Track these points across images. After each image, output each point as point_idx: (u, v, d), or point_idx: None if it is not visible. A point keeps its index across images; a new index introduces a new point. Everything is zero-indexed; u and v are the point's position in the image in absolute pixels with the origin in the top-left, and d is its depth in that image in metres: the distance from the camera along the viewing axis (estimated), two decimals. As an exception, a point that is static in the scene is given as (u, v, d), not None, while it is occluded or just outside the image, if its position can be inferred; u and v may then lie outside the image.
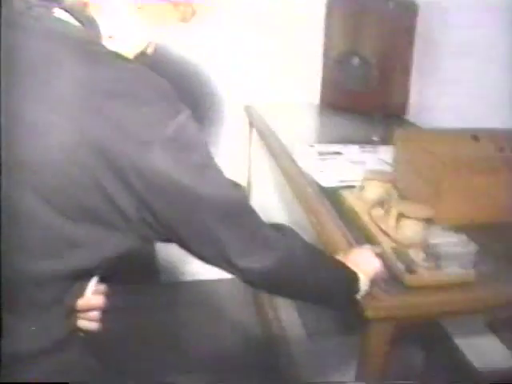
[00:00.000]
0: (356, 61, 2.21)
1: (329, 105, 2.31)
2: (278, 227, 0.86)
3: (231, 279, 0.86)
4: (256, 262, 0.79)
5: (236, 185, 0.80)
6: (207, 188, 0.73)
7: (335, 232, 1.18)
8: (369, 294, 0.94)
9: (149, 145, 0.68)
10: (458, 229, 1.06)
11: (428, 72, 2.11)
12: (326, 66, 2.31)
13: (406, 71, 2.20)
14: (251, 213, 0.81)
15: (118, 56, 0.74)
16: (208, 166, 0.75)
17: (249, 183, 2.49)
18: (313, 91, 2.36)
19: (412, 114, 2.24)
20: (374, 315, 0.92)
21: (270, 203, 2.45)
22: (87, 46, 0.72)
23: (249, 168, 2.47)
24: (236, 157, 2.42)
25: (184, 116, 0.71)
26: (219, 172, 0.76)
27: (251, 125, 2.31)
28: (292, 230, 0.89)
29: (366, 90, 2.18)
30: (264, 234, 0.81)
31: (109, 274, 0.82)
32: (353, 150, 1.76)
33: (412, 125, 2.16)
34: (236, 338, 2.18)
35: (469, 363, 1.09)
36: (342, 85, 2.25)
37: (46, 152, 0.67)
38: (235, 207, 0.78)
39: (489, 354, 1.12)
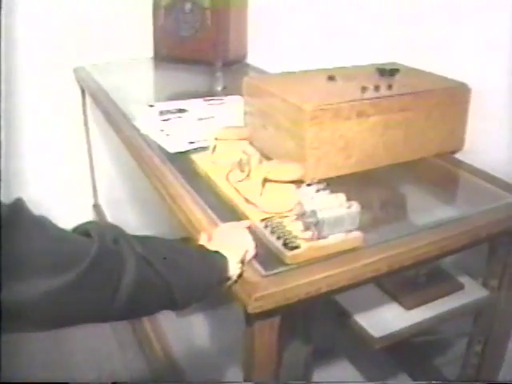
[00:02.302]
0: (188, 6, 1.99)
1: (164, 57, 2.07)
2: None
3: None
4: None
5: None
6: None
7: (192, 208, 0.99)
8: (246, 282, 0.77)
9: None
10: (327, 184, 0.93)
11: (264, 13, 1.96)
12: (156, 15, 2.05)
13: (242, 14, 2.03)
14: None
15: None
16: None
17: (90, 160, 2.20)
18: (146, 44, 2.11)
19: (252, 58, 2.09)
20: (256, 309, 0.75)
21: (115, 182, 2.20)
22: None
23: (87, 140, 2.17)
24: (71, 129, 2.12)
25: None
26: None
27: (83, 89, 2.01)
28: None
29: (201, 36, 1.98)
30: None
31: None
32: (198, 105, 1.56)
33: (256, 69, 2.00)
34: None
35: (366, 334, 0.98)
36: (176, 34, 2.02)
37: None
38: None
39: (388, 319, 1.02)
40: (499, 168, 1.15)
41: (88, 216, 2.31)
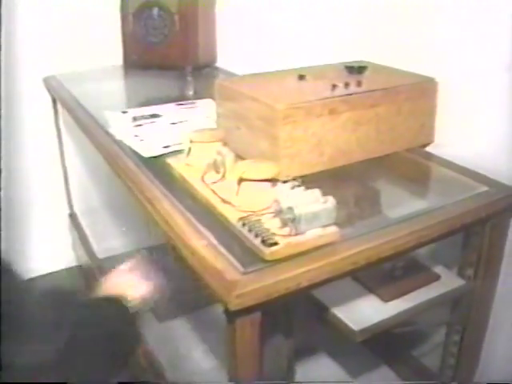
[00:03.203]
0: (156, 11, 1.99)
1: (133, 64, 2.06)
2: None
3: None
4: None
5: None
6: None
7: (169, 211, 0.99)
8: (226, 280, 0.78)
9: None
10: (303, 182, 0.94)
11: (232, 16, 1.97)
12: (124, 21, 2.04)
13: (210, 18, 2.04)
14: None
15: None
16: None
17: (64, 169, 2.18)
18: (115, 52, 2.10)
19: (222, 62, 2.10)
20: (237, 306, 0.76)
21: (90, 190, 2.18)
22: None
23: (60, 149, 2.15)
24: (43, 137, 2.10)
25: None
26: None
27: (54, 98, 2.00)
28: None
29: (170, 42, 1.98)
30: None
31: None
32: (171, 110, 1.56)
33: (226, 72, 2.01)
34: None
35: (347, 327, 0.99)
36: (145, 40, 2.01)
37: None
38: None
39: (367, 312, 1.03)
40: (468, 160, 1.18)
41: (65, 225, 2.29)
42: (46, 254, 2.28)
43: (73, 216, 2.29)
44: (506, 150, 1.15)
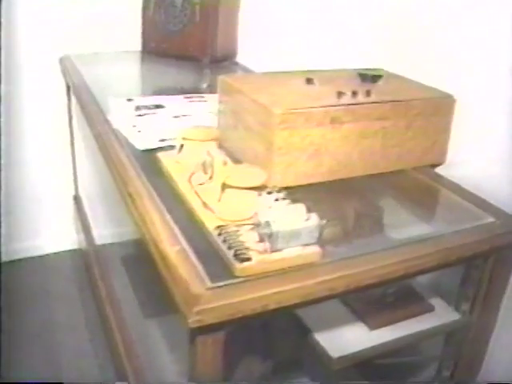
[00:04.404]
0: (179, 0, 1.93)
1: (151, 51, 2.01)
2: None
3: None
4: None
5: None
6: None
7: (148, 208, 0.93)
8: (190, 293, 0.72)
9: None
10: (292, 192, 0.88)
11: (256, 13, 1.91)
12: (145, 6, 2.00)
13: (233, 12, 1.98)
14: None
15: None
16: None
17: (73, 152, 2.15)
18: (134, 37, 2.06)
19: (242, 57, 2.04)
20: (196, 323, 0.70)
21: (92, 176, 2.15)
22: None
23: (71, 133, 2.12)
24: (56, 119, 2.08)
25: None
26: None
27: (68, 85, 1.96)
28: None
29: (189, 32, 1.92)
30: None
31: None
32: (177, 102, 1.50)
33: (245, 69, 1.95)
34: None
35: (325, 353, 0.92)
36: (164, 28, 1.96)
37: None
38: None
39: (349, 339, 0.96)
40: (481, 184, 1.10)
41: (69, 206, 2.27)
42: (52, 233, 2.29)
43: (77, 198, 2.26)
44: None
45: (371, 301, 1.04)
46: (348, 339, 0.97)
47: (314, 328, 0.98)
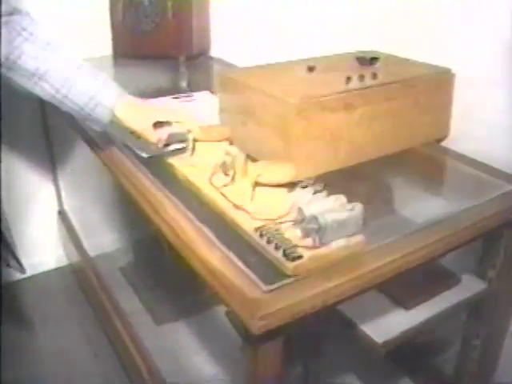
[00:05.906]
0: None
1: (123, 54, 1.96)
2: None
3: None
4: None
5: None
6: None
7: (174, 216, 0.91)
8: (247, 299, 0.70)
9: None
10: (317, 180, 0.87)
11: (227, 1, 1.88)
12: (114, 10, 1.93)
13: (203, 4, 1.94)
14: None
15: None
16: None
17: (53, 166, 2.09)
18: (104, 41, 2.00)
19: (216, 51, 2.01)
20: (262, 329, 0.68)
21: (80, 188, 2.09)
22: None
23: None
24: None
25: None
26: None
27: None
28: None
29: (163, 30, 1.88)
30: None
31: None
32: (166, 104, 1.46)
33: (221, 62, 1.92)
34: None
35: (371, 342, 0.92)
36: (136, 29, 1.91)
37: None
38: None
39: (390, 322, 0.96)
40: (483, 155, 1.11)
41: (53, 222, 2.20)
42: (36, 253, 2.20)
43: (62, 213, 2.20)
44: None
45: (401, 282, 1.04)
46: (389, 322, 0.97)
47: (356, 319, 0.98)
